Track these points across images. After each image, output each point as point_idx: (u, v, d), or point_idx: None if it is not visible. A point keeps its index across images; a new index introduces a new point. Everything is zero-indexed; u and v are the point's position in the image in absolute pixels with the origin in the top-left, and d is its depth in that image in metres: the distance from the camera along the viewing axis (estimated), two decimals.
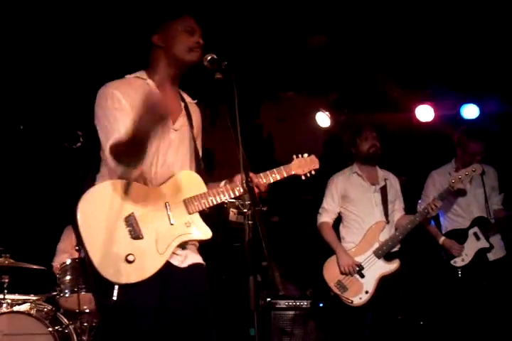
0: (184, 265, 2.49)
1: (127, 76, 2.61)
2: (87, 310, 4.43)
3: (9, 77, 5.19)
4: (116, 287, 2.27)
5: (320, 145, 6.69)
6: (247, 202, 2.22)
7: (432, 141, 6.14)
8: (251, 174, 2.39)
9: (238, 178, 2.52)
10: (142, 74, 2.61)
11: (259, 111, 6.72)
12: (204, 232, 2.48)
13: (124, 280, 2.30)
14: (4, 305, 4.36)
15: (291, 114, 6.68)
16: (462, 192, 4.65)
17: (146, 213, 2.39)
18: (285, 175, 2.71)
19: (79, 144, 5.61)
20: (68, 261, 4.51)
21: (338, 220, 4.56)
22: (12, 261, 4.51)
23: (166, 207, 2.44)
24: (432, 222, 4.77)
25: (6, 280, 4.42)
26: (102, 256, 2.29)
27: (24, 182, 5.85)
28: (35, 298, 4.54)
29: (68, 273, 4.42)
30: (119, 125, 2.38)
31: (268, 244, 2.08)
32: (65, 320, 4.40)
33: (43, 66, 5.20)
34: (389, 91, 5.97)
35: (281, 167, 2.73)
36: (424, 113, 5.93)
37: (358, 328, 4.28)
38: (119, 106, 2.44)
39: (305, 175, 2.82)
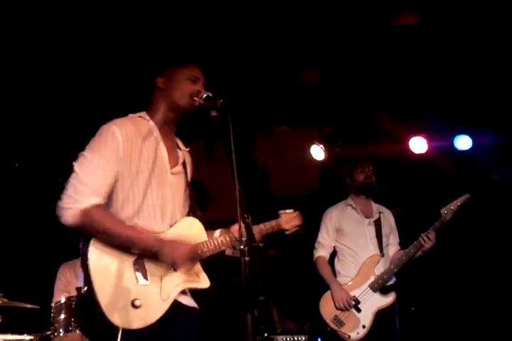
0: (189, 305, 2.54)
1: (130, 115, 2.65)
2: None
3: (4, 115, 5.21)
4: (120, 331, 2.26)
5: (315, 178, 6.71)
6: (244, 239, 2.19)
7: (426, 172, 6.16)
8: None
9: (234, 229, 2.60)
10: (144, 115, 2.66)
11: (254, 145, 6.75)
12: (205, 281, 2.54)
13: (127, 326, 2.29)
14: None
15: (286, 148, 6.71)
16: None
17: (152, 259, 2.43)
18: (275, 230, 2.81)
19: None
20: (63, 300, 4.44)
21: (334, 254, 4.54)
22: (5, 300, 4.44)
23: None
24: None
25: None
26: (109, 299, 2.28)
27: (18, 219, 5.81)
28: (28, 338, 4.43)
29: (63, 312, 4.34)
30: (102, 180, 2.41)
31: (265, 281, 2.06)
32: None
33: (36, 103, 5.23)
34: (382, 123, 6.02)
35: (273, 221, 2.82)
36: (418, 144, 5.96)
37: None
38: (113, 155, 2.45)
39: (291, 232, 2.89)
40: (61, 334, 4.30)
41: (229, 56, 4.94)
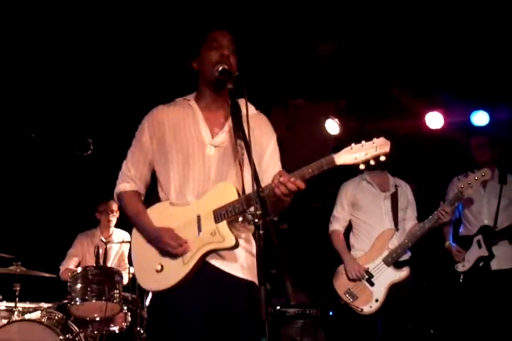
0: (238, 274, 2.53)
1: (176, 99, 2.73)
2: (98, 318, 4.44)
3: (21, 85, 5.23)
4: (150, 294, 2.63)
5: (329, 152, 6.63)
6: (258, 212, 2.20)
7: (442, 148, 6.12)
8: (284, 174, 2.36)
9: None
10: (190, 96, 2.72)
11: (268, 118, 6.70)
12: (227, 240, 2.44)
13: (151, 288, 2.59)
14: (16, 313, 4.39)
15: (301, 121, 6.66)
16: (472, 198, 4.65)
17: (179, 227, 2.53)
18: (326, 168, 2.36)
19: (89, 152, 5.63)
20: (79, 270, 4.52)
21: (350, 228, 4.56)
22: (24, 269, 4.54)
23: (198, 219, 2.50)
24: (451, 226, 4.79)
25: (18, 288, 4.45)
26: (140, 267, 2.63)
27: (35, 190, 5.88)
28: (46, 306, 4.55)
29: (79, 282, 4.43)
30: (133, 165, 2.69)
31: (281, 254, 2.07)
32: (76, 328, 4.41)
33: (55, 74, 5.24)
34: (399, 98, 5.96)
35: (322, 159, 2.38)
36: (434, 120, 5.90)
37: (368, 337, 4.26)
38: (140, 143, 2.68)
39: (366, 162, 2.36)
40: (78, 303, 4.39)
41: (245, 28, 4.90)
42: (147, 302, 4.44)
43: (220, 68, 2.50)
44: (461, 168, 4.89)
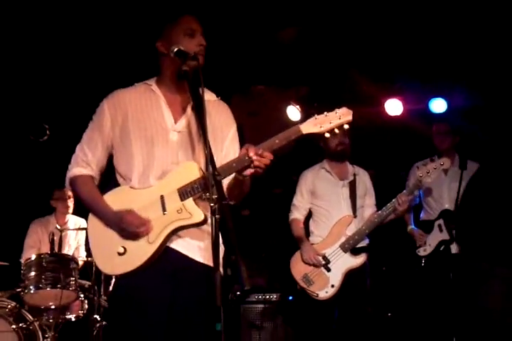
0: (200, 259, 2.49)
1: (136, 84, 2.67)
2: (53, 307, 4.36)
3: None
4: (113, 279, 2.37)
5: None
6: (214, 196, 2.17)
7: (401, 135, 6.18)
8: (251, 147, 2.38)
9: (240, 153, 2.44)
10: (151, 80, 2.66)
11: (229, 104, 6.65)
12: (195, 215, 2.43)
13: (115, 272, 2.50)
14: None
15: (262, 108, 6.64)
16: (433, 184, 4.71)
17: (142, 208, 2.47)
18: (293, 138, 2.42)
19: (45, 137, 5.50)
20: (33, 257, 4.42)
21: (309, 215, 4.58)
22: None
23: (162, 199, 2.47)
24: (411, 211, 4.84)
25: None
26: (100, 252, 2.52)
27: None
28: None
29: (33, 269, 4.33)
30: (90, 149, 2.59)
31: (235, 238, 2.06)
32: (30, 317, 4.32)
33: (8, 57, 5.09)
34: (359, 85, 5.98)
35: (288, 129, 2.44)
36: (393, 107, 5.95)
37: (326, 322, 4.30)
38: (99, 126, 2.60)
39: (330, 131, 2.44)
40: (31, 292, 4.30)
41: (205, 13, 4.82)
42: (109, 289, 4.39)
43: (176, 49, 2.44)
44: (419, 155, 4.95)
